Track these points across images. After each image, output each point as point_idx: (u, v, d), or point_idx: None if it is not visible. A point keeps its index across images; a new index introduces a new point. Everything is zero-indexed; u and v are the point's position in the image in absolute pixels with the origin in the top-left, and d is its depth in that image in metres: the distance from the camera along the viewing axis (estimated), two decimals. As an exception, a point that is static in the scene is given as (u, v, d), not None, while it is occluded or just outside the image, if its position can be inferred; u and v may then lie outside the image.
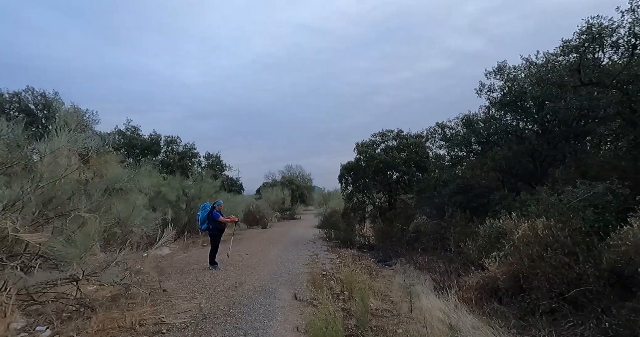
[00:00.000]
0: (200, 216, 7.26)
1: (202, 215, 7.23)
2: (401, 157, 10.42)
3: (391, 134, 11.47)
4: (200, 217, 7.25)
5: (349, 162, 12.07)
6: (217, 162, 21.72)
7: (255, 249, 10.14)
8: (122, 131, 18.36)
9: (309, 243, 12.08)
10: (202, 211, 7.34)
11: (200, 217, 7.25)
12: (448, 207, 7.30)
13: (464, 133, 7.89)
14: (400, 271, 7.37)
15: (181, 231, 11.36)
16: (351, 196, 13.02)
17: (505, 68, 7.05)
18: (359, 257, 9.14)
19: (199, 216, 7.32)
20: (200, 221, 7.23)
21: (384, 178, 11.85)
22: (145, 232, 8.59)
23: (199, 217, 7.29)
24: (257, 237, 13.75)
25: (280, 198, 28.02)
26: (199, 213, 7.36)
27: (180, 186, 11.95)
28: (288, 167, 40.77)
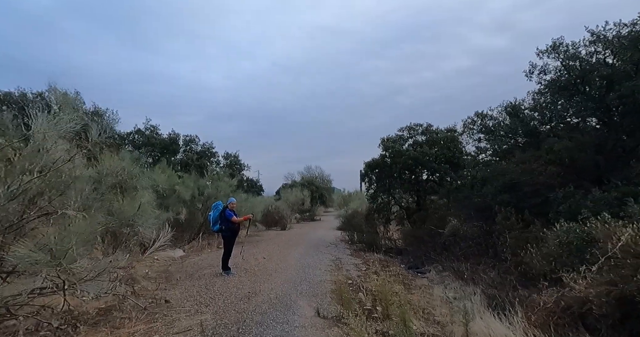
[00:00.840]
0: (212, 216, 6.58)
1: (214, 215, 6.53)
2: (432, 153, 9.43)
3: (419, 128, 10.49)
4: (212, 218, 6.57)
5: (373, 159, 11.17)
6: (235, 161, 21.30)
7: (273, 252, 9.42)
8: (141, 131, 18.22)
9: (330, 246, 11.26)
10: (214, 210, 6.64)
11: (212, 218, 6.57)
12: (493, 208, 6.31)
13: (509, 123, 6.86)
14: (437, 280, 6.43)
15: (196, 232, 10.82)
16: (375, 196, 12.10)
17: (562, 45, 6.00)
18: (387, 262, 8.24)
19: (211, 216, 6.64)
20: (212, 221, 6.53)
21: (411, 176, 10.89)
22: (154, 233, 8.05)
23: (211, 218, 6.61)
24: (276, 239, 13.07)
25: (299, 199, 27.32)
26: (210, 213, 6.67)
27: (196, 185, 11.44)
28: (307, 168, 40.12)
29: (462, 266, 5.88)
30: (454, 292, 5.08)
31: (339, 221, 21.99)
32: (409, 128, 10.62)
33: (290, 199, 26.33)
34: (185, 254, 9.08)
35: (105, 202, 4.70)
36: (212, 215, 6.61)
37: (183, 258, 8.48)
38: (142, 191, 6.93)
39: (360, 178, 11.82)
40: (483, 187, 7.23)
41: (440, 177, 9.78)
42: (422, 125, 10.55)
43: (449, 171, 9.49)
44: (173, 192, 10.26)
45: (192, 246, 9.97)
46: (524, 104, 6.89)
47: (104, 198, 4.72)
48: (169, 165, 15.67)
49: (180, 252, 8.98)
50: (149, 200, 6.87)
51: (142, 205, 6.41)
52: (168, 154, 18.80)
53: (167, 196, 10.13)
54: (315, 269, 6.95)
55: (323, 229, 18.98)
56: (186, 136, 19.86)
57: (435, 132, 10.33)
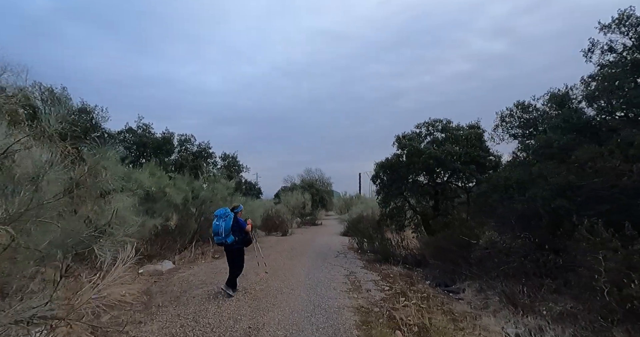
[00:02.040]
0: (222, 226, 5.45)
1: (227, 224, 5.44)
2: (457, 152, 8.32)
3: (439, 124, 9.38)
4: (223, 228, 5.44)
5: (386, 159, 10.04)
6: (233, 162, 20.13)
7: (276, 264, 8.26)
8: (132, 129, 17.05)
9: (339, 256, 10.11)
10: (221, 219, 5.51)
11: (223, 228, 5.44)
12: (545, 215, 5.21)
13: (562, 114, 5.75)
14: (477, 303, 5.29)
15: (189, 240, 9.64)
16: (387, 199, 10.97)
17: (632, 17, 4.92)
18: (409, 278, 7.10)
19: (220, 226, 5.47)
20: (223, 232, 5.43)
21: (429, 178, 9.77)
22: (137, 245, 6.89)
23: (220, 228, 5.45)
24: (278, 247, 11.90)
25: (300, 202, 26.17)
26: (216, 222, 5.54)
27: (190, 187, 10.28)
28: (307, 171, 39.01)
29: (513, 287, 4.76)
30: (513, 326, 3.94)
31: (343, 225, 20.87)
32: (428, 124, 9.51)
33: (291, 203, 25.18)
34: (174, 266, 7.90)
35: (54, 210, 3.53)
36: (224, 225, 5.46)
37: (172, 272, 7.31)
38: (119, 194, 5.77)
39: (372, 180, 10.62)
40: (525, 191, 6.12)
41: (466, 179, 8.66)
42: (441, 121, 9.45)
43: (475, 172, 8.37)
44: (163, 196, 9.10)
45: (184, 256, 8.79)
46: (575, 92, 5.81)
47: (55, 204, 3.56)
48: (162, 166, 14.53)
49: (169, 265, 7.81)
50: (128, 205, 5.73)
51: (116, 212, 5.27)
52: (161, 155, 17.65)
53: (156, 199, 8.97)
54: (329, 289, 5.79)
55: (327, 235, 17.82)
56: (181, 136, 18.66)
57: (455, 129, 9.23)
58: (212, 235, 5.56)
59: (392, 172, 10.00)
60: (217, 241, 5.55)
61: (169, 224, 8.32)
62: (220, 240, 5.47)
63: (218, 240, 5.52)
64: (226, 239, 5.42)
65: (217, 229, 5.45)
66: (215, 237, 5.55)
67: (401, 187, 9.90)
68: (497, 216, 6.96)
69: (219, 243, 5.56)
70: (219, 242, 5.52)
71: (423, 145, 9.06)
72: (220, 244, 5.58)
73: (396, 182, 10.28)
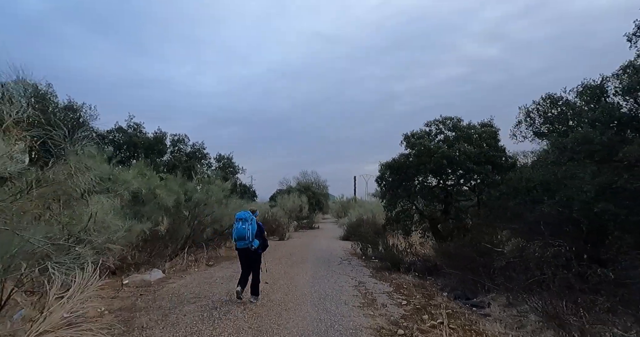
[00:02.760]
0: (250, 230, 5.17)
1: (253, 228, 5.21)
2: (472, 152, 7.73)
3: (450, 122, 8.80)
4: (250, 232, 5.16)
5: (393, 159, 9.43)
6: (229, 164, 19.39)
7: (276, 273, 7.56)
8: (122, 128, 16.25)
9: (342, 262, 9.44)
10: (246, 222, 5.21)
11: (250, 232, 5.16)
12: (583, 222, 4.63)
13: (596, 108, 5.18)
14: (508, 321, 4.66)
15: (181, 246, 8.89)
16: (393, 202, 10.34)
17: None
18: (423, 288, 6.46)
19: (246, 229, 5.16)
20: (250, 236, 5.15)
21: (440, 179, 9.18)
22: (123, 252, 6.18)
23: (247, 232, 5.15)
24: (276, 253, 11.19)
25: (297, 205, 25.47)
26: (241, 225, 5.19)
27: (182, 189, 9.55)
28: (303, 173, 38.30)
29: (555, 304, 4.14)
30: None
31: (342, 229, 20.19)
32: (438, 122, 8.92)
33: (288, 206, 24.49)
34: (164, 276, 7.16)
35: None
36: (250, 228, 5.17)
37: (161, 283, 6.57)
38: (100, 196, 5.08)
39: (376, 181, 9.98)
40: (553, 194, 5.54)
41: (480, 181, 8.07)
42: (452, 118, 8.86)
43: (491, 173, 7.78)
44: (153, 198, 8.36)
45: (175, 264, 8.04)
46: (611, 84, 5.26)
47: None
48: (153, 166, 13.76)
49: (158, 274, 7.07)
50: (110, 208, 5.02)
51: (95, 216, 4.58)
52: (153, 155, 16.87)
53: (145, 201, 8.23)
54: (339, 303, 5.12)
55: (326, 239, 17.15)
56: (174, 135, 17.90)
57: (467, 127, 8.65)
58: (235, 239, 5.21)
59: (399, 173, 9.38)
60: (241, 245, 5.19)
61: (159, 229, 7.59)
62: (246, 245, 5.15)
63: (243, 245, 5.17)
64: (252, 243, 5.15)
65: (244, 233, 5.12)
66: (239, 242, 5.18)
67: (409, 189, 9.28)
68: (521, 220, 6.37)
69: (242, 248, 5.21)
70: (243, 247, 5.19)
71: (433, 144, 8.43)
72: (242, 249, 5.23)
73: (403, 183, 9.67)
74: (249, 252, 5.21)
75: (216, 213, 10.50)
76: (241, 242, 5.16)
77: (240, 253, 5.29)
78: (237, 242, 5.21)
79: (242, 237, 5.13)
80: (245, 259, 5.29)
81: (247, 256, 5.26)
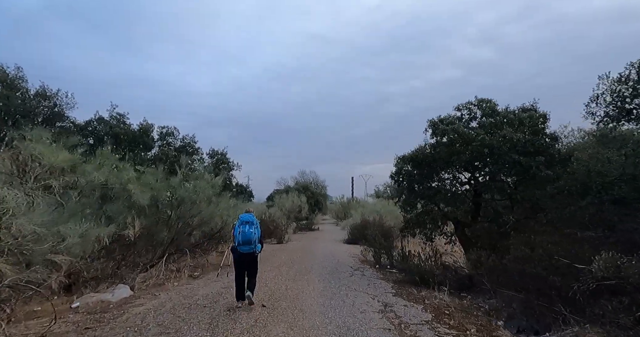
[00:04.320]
0: (256, 234, 5.03)
1: (258, 232, 5.09)
2: (518, 140, 6.23)
3: (486, 105, 7.28)
4: (256, 236, 5.03)
5: (416, 150, 7.89)
6: (222, 159, 17.79)
7: (276, 288, 6.03)
8: (104, 119, 14.64)
9: (354, 273, 7.90)
10: (253, 225, 5.05)
11: (256, 236, 5.03)
12: None
13: None
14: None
15: (159, 254, 7.32)
16: (412, 202, 8.83)
17: None
18: (467, 313, 4.94)
19: (253, 233, 4.96)
20: (255, 239, 4.98)
21: (471, 175, 7.67)
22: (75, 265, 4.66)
23: (254, 236, 4.97)
24: (274, 259, 9.64)
25: (296, 206, 23.88)
26: (249, 229, 4.98)
27: (165, 185, 7.97)
28: (301, 173, 36.75)
29: None
30: None
31: (346, 231, 18.65)
32: (472, 105, 7.38)
33: (286, 206, 22.88)
34: (132, 293, 5.59)
35: None
36: (257, 232, 5.03)
37: (125, 304, 5.00)
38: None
39: (392, 177, 8.37)
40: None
41: (524, 175, 6.54)
42: (488, 101, 7.34)
43: (543, 165, 6.28)
44: (126, 194, 6.78)
45: (149, 277, 6.46)
46: None
47: None
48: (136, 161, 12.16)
49: (123, 292, 5.48)
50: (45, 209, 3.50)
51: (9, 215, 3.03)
52: (138, 149, 15.27)
53: (114, 199, 6.65)
54: (367, 342, 3.57)
55: (328, 243, 15.59)
56: (162, 128, 16.35)
57: (506, 113, 7.13)
58: (240, 243, 4.91)
59: (422, 167, 7.86)
60: (245, 250, 4.91)
61: (127, 234, 5.99)
62: (251, 249, 4.93)
63: (248, 249, 4.92)
64: (256, 248, 4.99)
65: (251, 237, 4.91)
66: (243, 247, 4.91)
67: (437, 185, 7.76)
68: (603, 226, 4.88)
69: (246, 252, 4.92)
70: (248, 252, 4.92)
71: (469, 130, 6.92)
72: (245, 254, 4.92)
73: (427, 179, 8.16)
74: (250, 257, 4.93)
75: (204, 213, 8.91)
76: (246, 247, 4.89)
77: (240, 259, 4.94)
78: (241, 246, 4.89)
79: (248, 242, 4.88)
80: (244, 264, 4.96)
81: (247, 260, 4.96)
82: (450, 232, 8.75)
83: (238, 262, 4.97)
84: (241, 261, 4.96)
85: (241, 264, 4.97)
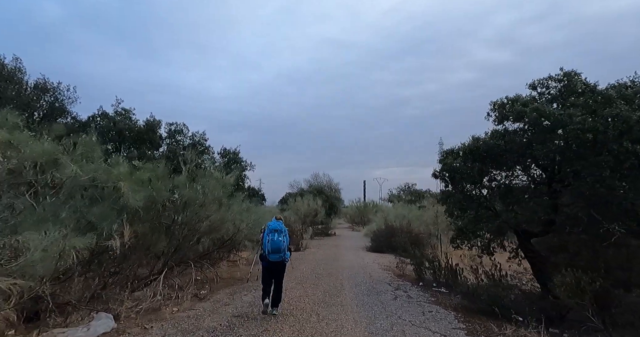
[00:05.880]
0: (285, 242, 4.92)
1: (287, 240, 4.98)
2: (634, 121, 4.59)
3: (577, 80, 5.65)
4: (285, 244, 4.90)
5: (473, 139, 6.31)
6: (235, 159, 16.44)
7: (303, 314, 4.54)
8: (107, 114, 13.48)
9: (397, 293, 6.34)
10: (282, 233, 4.91)
11: (285, 244, 4.90)
12: None
13: None
14: None
15: (158, 269, 5.92)
16: (462, 207, 7.26)
17: None
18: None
19: (282, 242, 4.86)
20: (284, 248, 4.88)
21: (545, 171, 6.04)
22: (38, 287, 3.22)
23: (283, 245, 4.86)
24: (295, 271, 8.16)
25: (312, 209, 22.38)
26: (278, 237, 4.84)
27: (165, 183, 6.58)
28: (315, 176, 35.23)
29: None
30: None
31: (368, 237, 17.01)
32: (554, 80, 5.76)
33: (302, 210, 21.41)
34: (115, 326, 4.16)
35: None
36: (286, 240, 4.92)
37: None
38: None
39: (438, 176, 6.71)
40: None
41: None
42: (576, 74, 5.69)
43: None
44: (116, 194, 5.40)
45: (141, 300, 5.02)
46: None
47: None
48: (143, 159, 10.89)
49: (104, 325, 4.06)
50: None
51: None
52: (145, 146, 14.06)
53: (101, 200, 5.28)
54: None
55: (351, 251, 14.01)
56: (171, 125, 15.11)
57: (620, 85, 5.46)
58: (269, 252, 4.84)
59: (485, 161, 6.28)
60: (274, 258, 4.87)
61: (112, 245, 4.57)
62: (280, 257, 4.89)
63: (277, 258, 4.87)
64: (284, 256, 4.93)
65: (280, 246, 4.87)
66: (272, 255, 4.86)
67: (501, 185, 6.16)
68: None
69: (275, 261, 4.88)
70: (277, 260, 4.89)
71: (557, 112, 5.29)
72: (274, 263, 4.89)
73: (485, 176, 6.58)
74: (279, 265, 4.95)
75: (214, 217, 7.50)
76: (275, 255, 4.87)
77: (270, 266, 4.94)
78: (270, 255, 4.86)
79: (277, 250, 4.85)
80: (272, 273, 4.95)
81: (276, 269, 4.97)
82: (515, 244, 7.11)
83: (267, 271, 4.94)
84: (271, 269, 4.93)
85: (269, 273, 4.94)
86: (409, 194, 39.96)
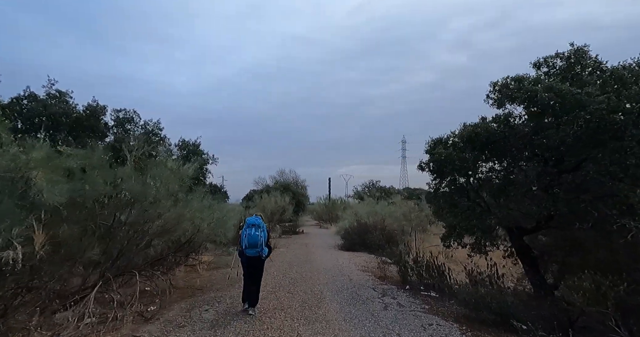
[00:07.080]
0: (263, 237, 4.82)
1: (264, 236, 4.88)
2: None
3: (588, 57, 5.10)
4: (262, 239, 4.79)
5: (473, 125, 5.62)
6: (195, 151, 14.83)
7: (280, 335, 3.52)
8: (36, 96, 11.39)
9: (386, 301, 5.50)
10: (259, 228, 4.82)
11: (262, 239, 4.79)
12: None
13: None
14: None
15: (93, 281, 4.58)
16: (451, 200, 6.61)
17: None
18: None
19: (259, 237, 4.75)
20: (261, 243, 4.76)
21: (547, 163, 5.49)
22: None
23: (260, 239, 4.75)
24: (267, 276, 7.02)
25: (280, 207, 21.19)
26: (254, 232, 4.75)
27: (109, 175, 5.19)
28: (281, 172, 33.87)
29: None
30: None
31: (339, 236, 16.22)
32: (561, 58, 5.18)
33: (269, 207, 20.15)
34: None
35: None
36: (263, 235, 4.83)
37: None
38: None
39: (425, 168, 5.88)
40: None
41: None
42: (584, 50, 5.15)
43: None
44: (25, 186, 3.99)
45: (62, 325, 3.70)
46: None
47: None
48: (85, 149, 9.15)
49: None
50: None
51: None
52: (86, 136, 12.11)
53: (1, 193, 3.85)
54: None
55: (324, 250, 13.11)
56: (119, 111, 13.22)
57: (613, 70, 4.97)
58: (246, 246, 4.74)
59: (483, 150, 5.61)
60: (251, 253, 4.76)
61: (9, 256, 3.22)
62: (257, 252, 4.76)
63: (254, 253, 4.76)
64: (262, 252, 4.81)
65: (257, 241, 4.75)
66: (248, 250, 4.75)
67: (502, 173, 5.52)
68: None
69: (252, 256, 4.78)
70: (254, 255, 4.78)
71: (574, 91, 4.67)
72: (251, 258, 4.79)
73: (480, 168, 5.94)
74: (256, 260, 4.84)
75: (168, 216, 6.19)
76: (252, 250, 4.73)
77: (248, 262, 4.85)
78: (247, 249, 4.75)
79: (254, 245, 4.73)
80: (251, 267, 4.87)
81: (254, 264, 4.87)
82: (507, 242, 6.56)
83: (246, 266, 4.90)
84: (248, 264, 4.88)
85: (249, 267, 4.88)
86: (375, 191, 39.94)
